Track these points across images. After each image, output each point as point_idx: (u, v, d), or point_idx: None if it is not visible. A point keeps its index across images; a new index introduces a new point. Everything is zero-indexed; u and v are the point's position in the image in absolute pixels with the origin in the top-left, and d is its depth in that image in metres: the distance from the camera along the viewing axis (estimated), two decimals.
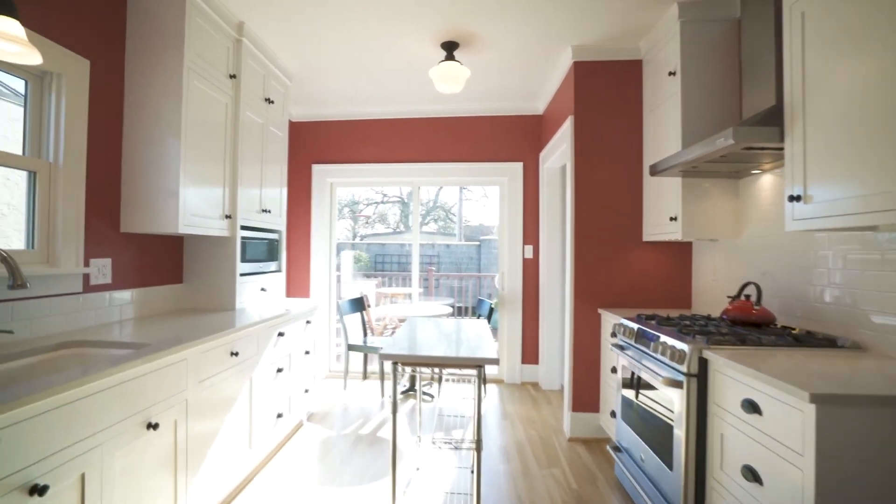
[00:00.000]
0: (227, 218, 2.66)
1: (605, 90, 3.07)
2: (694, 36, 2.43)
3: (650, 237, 2.92)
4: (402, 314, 3.90)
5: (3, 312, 1.77)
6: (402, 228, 13.70)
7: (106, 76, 2.21)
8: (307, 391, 3.19)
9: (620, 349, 2.44)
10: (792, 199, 1.63)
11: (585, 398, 3.08)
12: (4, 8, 1.49)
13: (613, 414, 2.66)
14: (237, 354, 2.21)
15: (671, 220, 2.56)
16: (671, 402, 1.88)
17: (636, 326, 2.32)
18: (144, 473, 1.61)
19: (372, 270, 10.82)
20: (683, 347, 1.81)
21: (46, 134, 1.98)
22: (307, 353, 3.18)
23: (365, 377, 4.39)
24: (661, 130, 2.73)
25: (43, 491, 1.19)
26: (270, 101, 3.09)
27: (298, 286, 4.51)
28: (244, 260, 2.83)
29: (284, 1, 2.52)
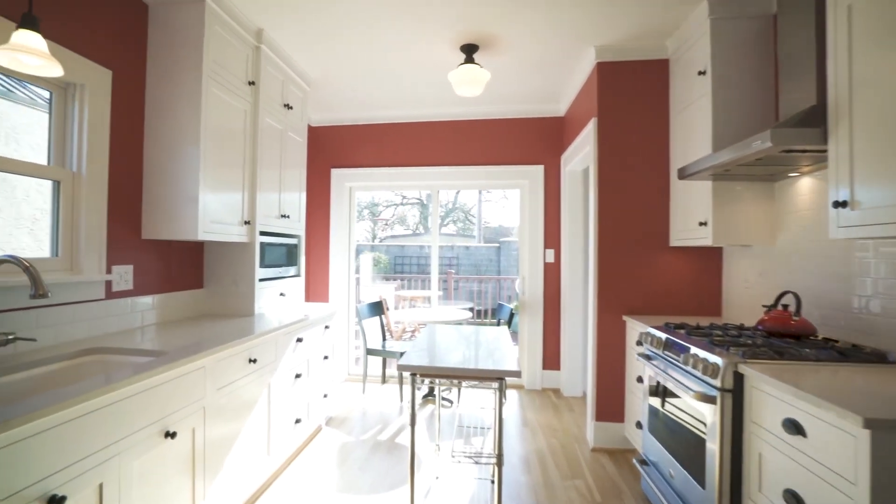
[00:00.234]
0: (245, 224, 2.66)
1: (629, 91, 2.98)
2: (725, 33, 2.32)
3: (678, 242, 2.81)
4: (420, 319, 3.87)
5: (27, 320, 1.79)
6: (421, 230, 13.70)
7: (127, 85, 2.23)
8: (326, 396, 3.18)
9: (647, 359, 2.35)
10: (837, 204, 1.53)
11: (609, 407, 2.98)
12: (27, 22, 1.52)
13: (639, 425, 2.57)
14: (255, 361, 2.20)
15: (701, 224, 2.45)
16: (703, 415, 1.79)
17: (664, 336, 2.22)
18: (162, 482, 1.61)
19: (391, 273, 10.83)
20: (717, 361, 1.72)
21: (70, 143, 2.00)
22: (326, 358, 3.16)
23: (384, 381, 4.36)
24: (689, 132, 2.63)
25: (61, 502, 1.18)
26: (289, 106, 3.09)
27: (317, 290, 4.52)
28: (263, 265, 2.83)
29: (303, 7, 2.51)
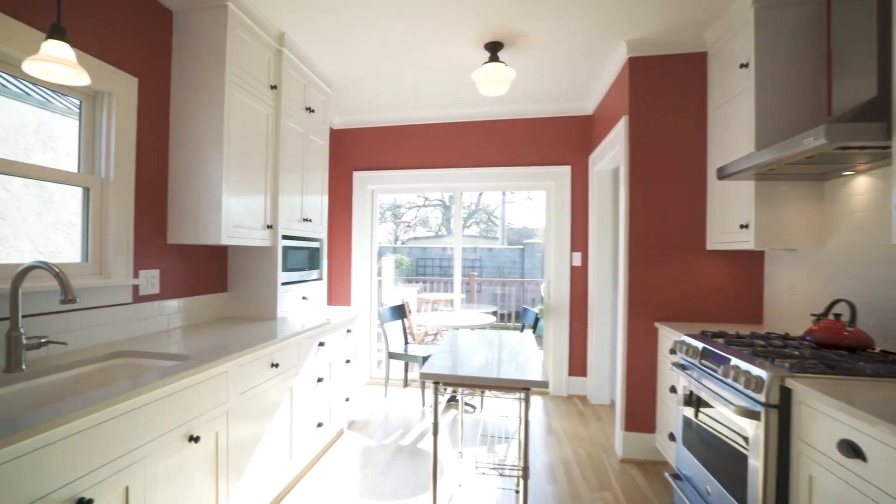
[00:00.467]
0: (268, 228, 2.65)
1: (663, 87, 2.85)
2: (770, 23, 2.18)
3: (715, 245, 2.67)
4: (443, 323, 3.81)
5: (59, 323, 1.81)
6: (443, 232, 13.66)
7: (153, 92, 2.25)
8: (348, 400, 3.15)
9: (682, 369, 2.23)
10: None
11: (640, 417, 2.86)
12: (55, 32, 1.53)
13: (672, 437, 2.45)
14: (277, 366, 2.18)
15: (742, 227, 2.32)
16: (744, 430, 1.68)
17: (701, 345, 2.10)
18: (186, 485, 1.61)
19: (413, 275, 10.82)
20: (761, 374, 1.61)
21: (98, 151, 2.03)
22: (348, 361, 3.14)
23: (406, 385, 4.32)
24: (729, 129, 2.49)
25: None
26: (311, 109, 3.08)
27: (340, 293, 4.51)
28: (286, 269, 2.82)
29: (324, 8, 2.48)
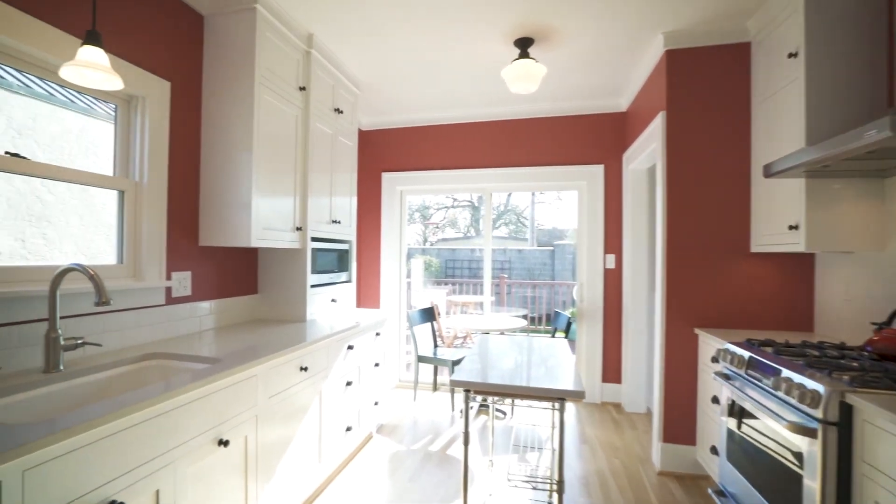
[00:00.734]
0: (297, 230, 2.66)
1: (702, 80, 2.71)
2: (821, 7, 2.03)
3: (761, 247, 2.51)
4: (473, 327, 3.75)
5: (95, 325, 1.86)
6: (472, 233, 13.59)
7: (185, 96, 2.28)
8: (377, 403, 3.14)
9: (725, 379, 2.10)
10: None
11: (679, 428, 2.72)
12: (91, 38, 1.57)
13: (715, 451, 2.31)
14: (306, 369, 2.18)
15: (791, 228, 2.16)
16: (797, 447, 1.55)
17: (747, 354, 1.97)
18: (215, 489, 1.61)
19: (442, 277, 10.79)
20: (817, 388, 1.48)
21: (133, 154, 2.07)
22: (377, 365, 3.12)
23: (435, 389, 4.28)
24: (776, 123, 2.34)
25: None
26: (340, 111, 3.08)
27: (369, 295, 4.52)
28: (315, 271, 2.82)
29: (352, 8, 2.47)
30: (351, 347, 2.68)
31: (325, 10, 2.48)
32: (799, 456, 1.55)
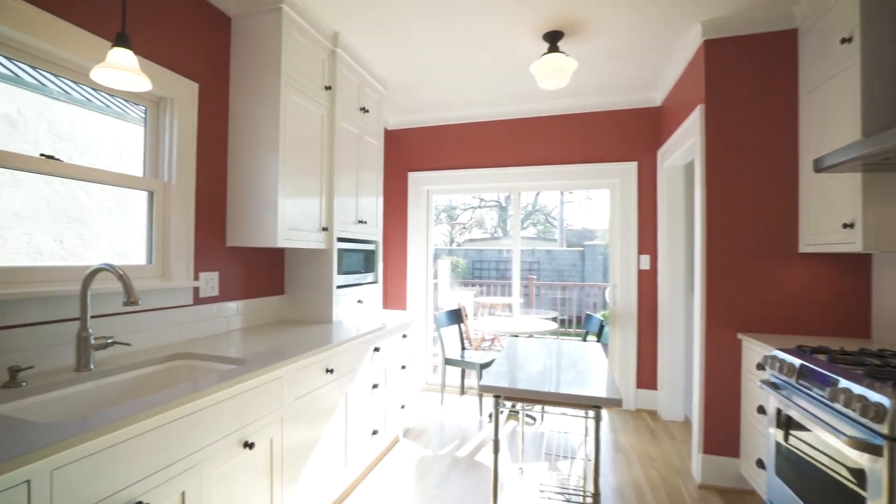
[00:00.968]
0: (323, 230, 2.65)
1: (744, 71, 2.56)
2: None
3: (810, 247, 2.35)
4: (501, 329, 3.67)
5: (125, 324, 1.88)
6: (499, 233, 13.47)
7: (212, 97, 2.30)
8: (403, 407, 3.10)
9: (773, 388, 1.96)
10: None
11: (720, 439, 2.57)
12: (120, 40, 1.58)
13: (761, 464, 2.16)
14: (332, 371, 2.15)
15: (845, 226, 2.00)
16: (857, 464, 1.42)
17: (798, 362, 1.83)
18: (240, 492, 1.60)
19: (469, 278, 10.71)
20: (881, 400, 1.35)
21: (162, 155, 2.09)
22: (403, 367, 3.08)
23: (462, 392, 4.22)
24: (827, 114, 2.18)
25: None
26: (365, 110, 3.06)
27: (395, 296, 4.49)
28: (341, 272, 2.81)
29: (377, 6, 2.44)
30: (377, 349, 2.65)
31: (350, 8, 2.46)
32: (859, 473, 1.42)
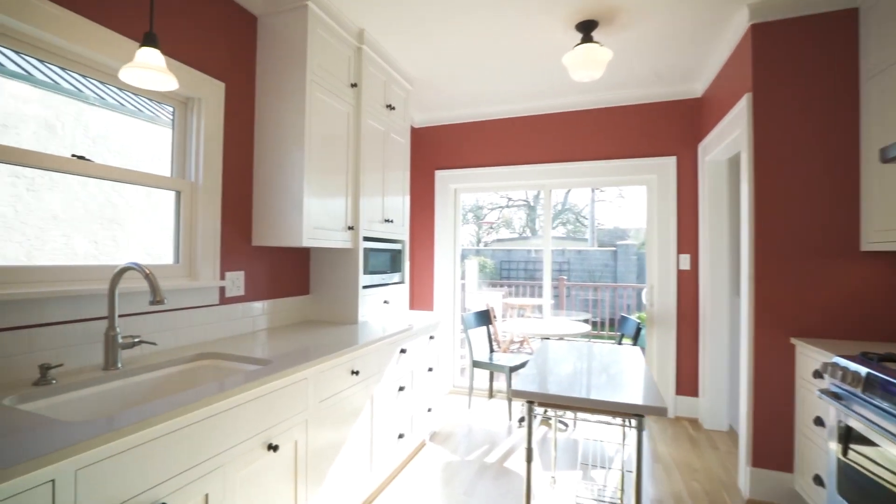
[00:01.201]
0: (349, 229, 2.61)
1: (795, 56, 2.37)
2: None
3: (874, 245, 2.14)
4: (532, 331, 3.55)
5: (152, 323, 1.87)
6: (527, 233, 13.26)
7: (238, 96, 2.29)
8: (430, 410, 3.02)
9: (834, 398, 1.79)
10: None
11: (771, 451, 2.39)
12: (148, 40, 1.58)
13: (819, 481, 1.99)
14: (358, 373, 2.10)
15: None
16: None
17: (864, 370, 1.66)
18: (263, 496, 1.56)
19: (497, 278, 10.56)
20: None
21: (189, 155, 2.09)
22: (430, 369, 3.01)
23: (491, 395, 4.11)
24: (893, 100, 1.98)
25: None
26: (391, 107, 3.01)
27: (422, 297, 4.43)
28: (367, 272, 2.76)
29: (403, 2, 2.38)
30: (404, 351, 2.59)
31: (375, 4, 2.41)
32: None
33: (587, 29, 2.61)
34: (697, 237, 3.53)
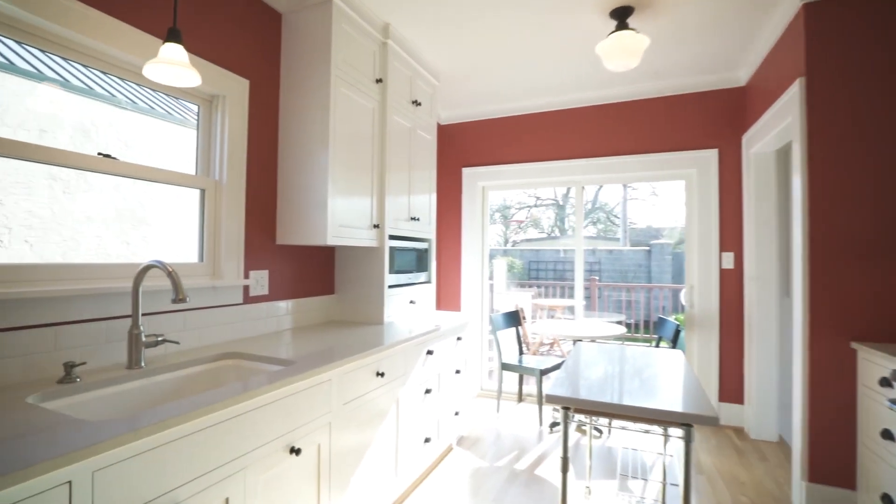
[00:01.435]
0: (374, 227, 2.55)
1: (854, 36, 2.18)
2: None
3: None
4: (564, 333, 3.41)
5: (176, 322, 1.86)
6: (556, 233, 13.00)
7: (263, 93, 2.27)
8: (457, 413, 2.93)
9: None
10: None
11: (830, 466, 2.19)
12: (172, 36, 1.56)
13: (888, 500, 1.79)
14: (383, 375, 2.03)
15: None
16: None
17: None
18: (285, 500, 1.51)
19: (526, 279, 10.37)
20: None
21: (213, 153, 2.07)
22: (458, 372, 2.92)
23: (520, 399, 3.99)
24: None
25: None
26: (417, 103, 2.94)
27: (449, 297, 4.34)
28: (392, 271, 2.70)
29: None
30: (430, 353, 2.51)
31: None
32: None
33: (622, 16, 2.48)
34: (742, 234, 3.32)
